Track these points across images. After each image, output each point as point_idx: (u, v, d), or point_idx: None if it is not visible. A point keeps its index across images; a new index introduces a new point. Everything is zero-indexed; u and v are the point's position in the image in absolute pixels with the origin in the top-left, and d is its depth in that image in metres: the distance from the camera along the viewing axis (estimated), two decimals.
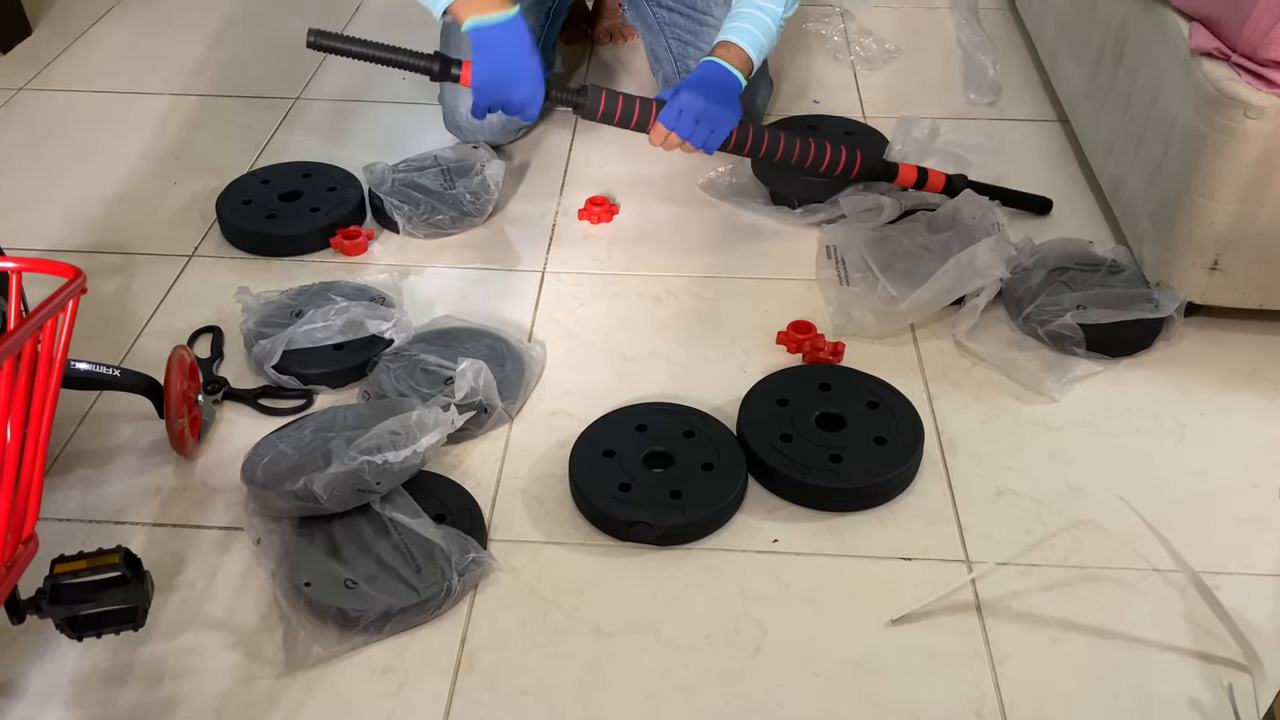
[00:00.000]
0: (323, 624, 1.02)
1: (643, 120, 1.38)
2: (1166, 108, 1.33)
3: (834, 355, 1.33)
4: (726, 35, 1.41)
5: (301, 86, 1.93)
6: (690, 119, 1.35)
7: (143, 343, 1.37)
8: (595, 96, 1.37)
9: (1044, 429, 1.24)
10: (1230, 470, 1.19)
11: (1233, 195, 1.24)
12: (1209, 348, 1.35)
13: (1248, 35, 1.17)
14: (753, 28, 1.41)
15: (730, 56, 1.39)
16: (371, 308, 1.33)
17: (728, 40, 1.41)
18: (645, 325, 1.40)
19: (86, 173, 1.71)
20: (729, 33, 1.41)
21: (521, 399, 1.28)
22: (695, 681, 0.99)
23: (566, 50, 2.03)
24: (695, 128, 1.35)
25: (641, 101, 1.38)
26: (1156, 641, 1.02)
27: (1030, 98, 1.89)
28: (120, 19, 2.18)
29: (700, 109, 1.35)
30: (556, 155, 1.74)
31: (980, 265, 1.34)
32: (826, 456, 1.16)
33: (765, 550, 1.11)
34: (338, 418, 1.17)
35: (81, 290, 0.85)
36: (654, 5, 1.73)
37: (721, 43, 1.41)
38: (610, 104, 1.37)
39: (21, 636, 1.01)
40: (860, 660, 1.01)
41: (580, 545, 1.12)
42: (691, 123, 1.35)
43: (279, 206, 1.56)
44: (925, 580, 1.07)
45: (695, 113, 1.35)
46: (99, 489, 1.18)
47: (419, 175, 1.59)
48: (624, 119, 1.38)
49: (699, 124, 1.35)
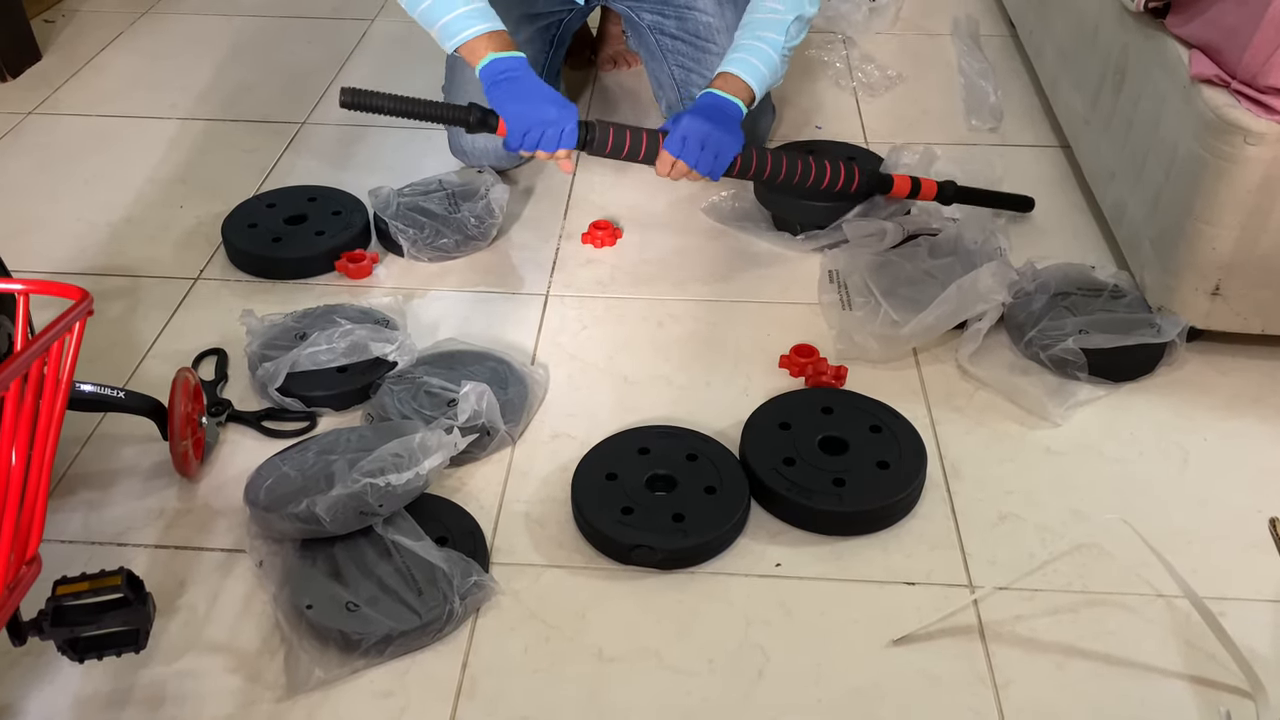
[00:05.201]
0: (324, 647, 1.01)
1: (650, 152, 1.39)
2: (1167, 134, 1.33)
3: (836, 379, 1.33)
4: (726, 67, 1.43)
5: (307, 111, 1.95)
6: (695, 145, 1.36)
7: (147, 365, 1.38)
8: (603, 132, 1.37)
9: (1047, 453, 1.24)
10: (1234, 495, 1.19)
11: (1234, 221, 1.24)
12: (1211, 373, 1.35)
13: (1247, 62, 1.18)
14: (753, 58, 1.42)
15: (729, 86, 1.40)
16: (375, 330, 1.34)
17: (727, 71, 1.42)
18: (648, 349, 1.41)
19: (93, 196, 1.72)
20: (729, 64, 1.43)
21: (524, 422, 1.28)
22: (698, 707, 0.99)
23: (570, 76, 2.04)
24: (700, 154, 1.36)
25: (648, 134, 1.39)
26: (1161, 668, 1.02)
27: (1032, 124, 1.90)
28: (128, 45, 2.20)
29: (704, 134, 1.35)
30: (560, 179, 1.75)
31: (982, 290, 1.34)
32: (829, 480, 1.16)
33: (768, 574, 1.11)
34: (341, 440, 1.17)
35: (88, 312, 0.85)
36: (657, 33, 1.74)
37: (721, 74, 1.42)
38: (618, 138, 1.38)
39: (23, 658, 1.01)
40: (863, 686, 1.00)
41: (582, 569, 1.12)
42: (697, 149, 1.36)
43: (284, 230, 1.57)
44: (928, 605, 1.07)
45: (700, 138, 1.35)
46: (102, 511, 1.18)
47: (424, 199, 1.60)
48: (631, 152, 1.39)
49: (704, 150, 1.36)
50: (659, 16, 1.74)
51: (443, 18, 1.34)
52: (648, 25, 1.76)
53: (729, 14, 1.72)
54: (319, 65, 2.10)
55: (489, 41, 1.35)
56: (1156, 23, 1.38)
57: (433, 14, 1.35)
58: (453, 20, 1.34)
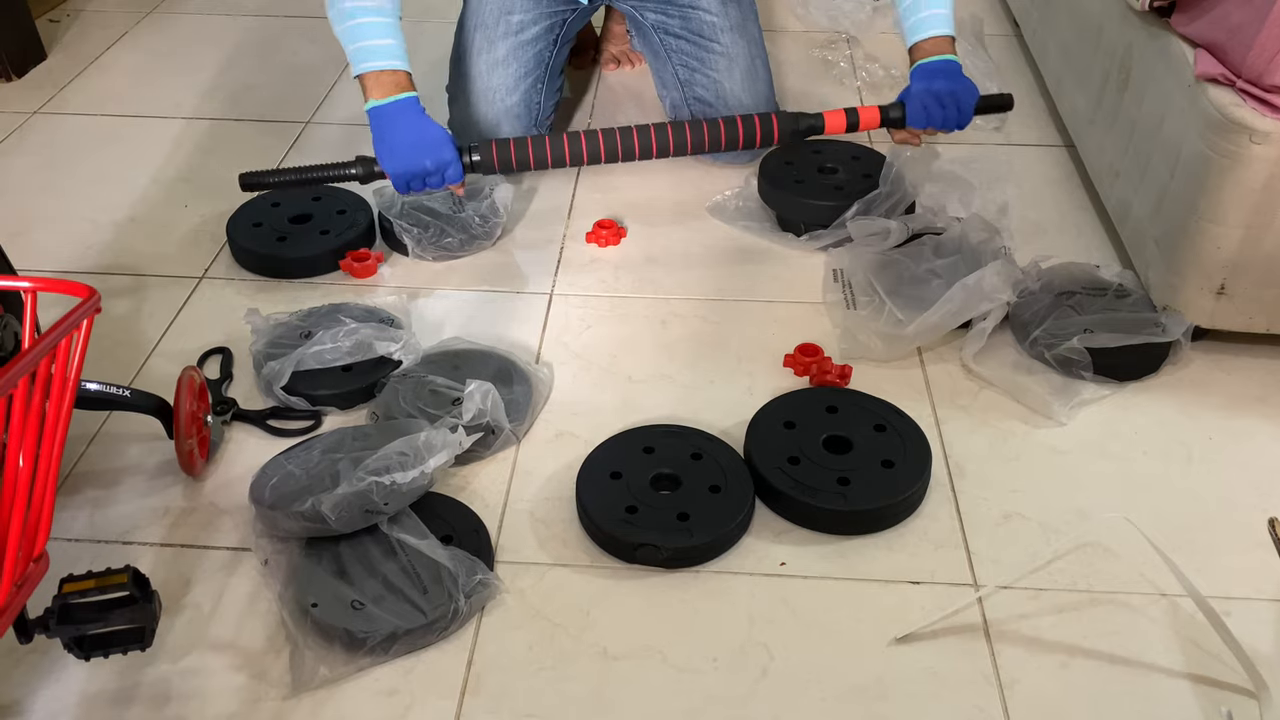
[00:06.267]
0: (329, 645, 1.02)
1: (568, 155, 1.40)
2: (1172, 133, 1.33)
3: (841, 378, 1.33)
4: (920, 34, 1.44)
5: (312, 111, 1.95)
6: (936, 107, 1.40)
7: (153, 364, 1.38)
8: (487, 154, 1.38)
9: (1051, 453, 1.24)
10: (1238, 495, 1.19)
11: (1239, 220, 1.24)
12: (1216, 372, 1.35)
13: (1252, 61, 1.18)
14: (935, 8, 1.44)
15: (931, 48, 1.44)
16: (380, 329, 1.34)
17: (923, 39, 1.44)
18: (652, 348, 1.41)
19: (99, 195, 1.72)
20: (919, 29, 1.44)
21: (529, 421, 1.28)
22: (702, 705, 0.99)
23: (574, 76, 2.04)
24: (944, 112, 1.41)
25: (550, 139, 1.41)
26: (1165, 667, 1.02)
27: (1036, 123, 1.90)
28: (133, 45, 2.21)
29: (938, 94, 1.40)
30: (565, 179, 1.75)
31: (986, 289, 1.34)
32: (834, 480, 1.16)
33: (772, 573, 1.11)
34: (346, 439, 1.18)
35: (96, 310, 0.85)
36: (661, 32, 1.75)
37: (917, 44, 1.44)
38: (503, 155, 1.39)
39: (29, 656, 1.01)
40: (867, 685, 1.00)
41: (587, 567, 1.12)
42: (939, 110, 1.41)
43: (289, 229, 1.57)
44: (933, 604, 1.07)
45: (937, 98, 1.40)
46: (108, 509, 1.18)
47: (427, 198, 1.60)
48: (537, 162, 1.40)
49: (945, 108, 1.41)
50: (663, 16, 1.74)
51: (355, 42, 1.36)
52: (651, 24, 1.76)
53: (733, 13, 1.72)
54: (323, 64, 2.10)
55: (380, 81, 1.34)
56: (1161, 21, 1.38)
57: (349, 36, 1.36)
58: (361, 49, 1.35)
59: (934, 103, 1.41)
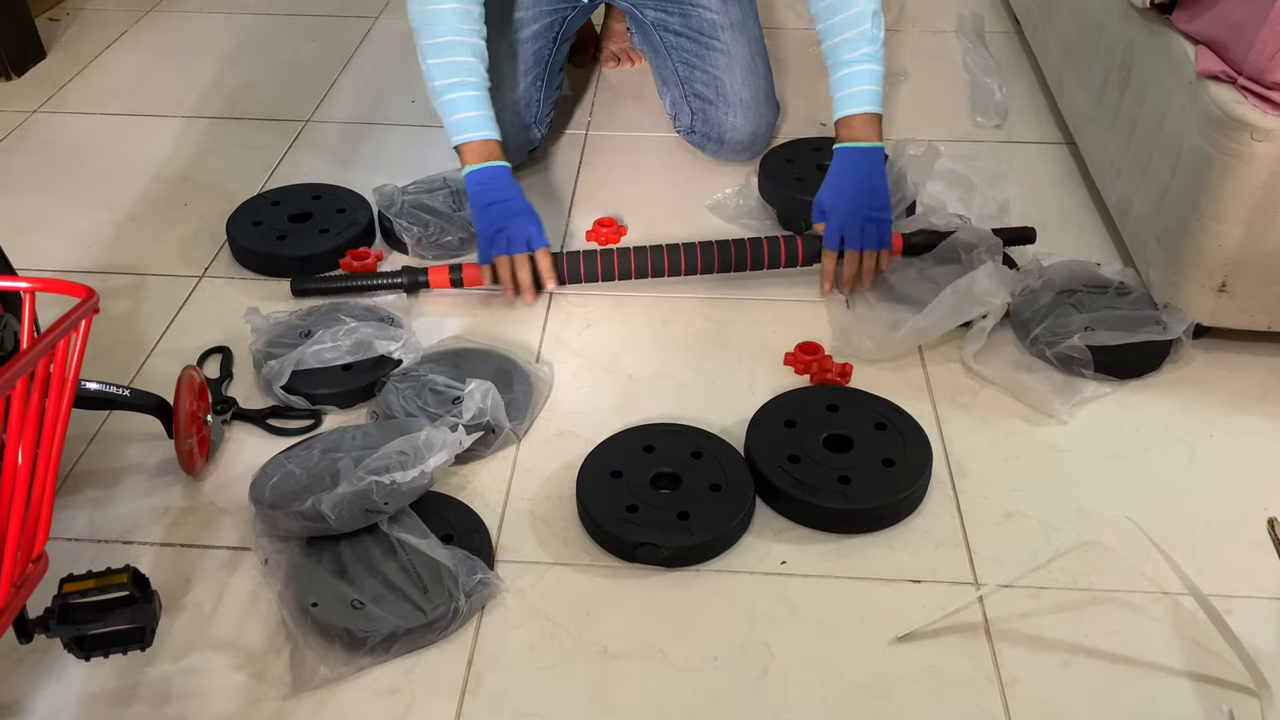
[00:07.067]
0: (329, 645, 1.02)
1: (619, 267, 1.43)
2: (1173, 130, 1.33)
3: (842, 376, 1.33)
4: (843, 110, 1.42)
5: (312, 109, 1.95)
6: (856, 234, 1.37)
7: (152, 363, 1.38)
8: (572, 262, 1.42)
9: (1053, 451, 1.24)
10: (1239, 493, 1.19)
11: (1240, 217, 1.24)
12: (1218, 370, 1.35)
13: (1253, 58, 1.18)
14: (863, 84, 1.41)
15: (856, 131, 1.41)
16: (380, 328, 1.34)
17: (846, 116, 1.42)
18: (653, 346, 1.41)
19: (98, 194, 1.72)
20: (843, 105, 1.42)
21: (529, 420, 1.28)
22: (703, 704, 0.99)
23: (574, 74, 2.04)
24: (863, 239, 1.38)
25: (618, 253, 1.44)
26: (1167, 666, 1.02)
27: (1037, 120, 1.89)
28: (133, 43, 2.21)
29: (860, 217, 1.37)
30: (565, 177, 1.75)
31: (979, 292, 1.33)
32: (835, 478, 1.15)
33: (773, 572, 1.11)
34: (346, 438, 1.17)
35: (94, 310, 0.85)
36: (661, 29, 1.74)
37: (842, 120, 1.42)
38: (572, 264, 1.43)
39: (29, 656, 1.01)
40: (869, 683, 1.00)
41: (587, 566, 1.12)
42: (858, 238, 1.37)
43: (289, 228, 1.57)
44: (934, 603, 1.07)
45: (858, 224, 1.37)
46: (108, 509, 1.18)
47: (428, 197, 1.60)
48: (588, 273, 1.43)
49: (864, 233, 1.37)
50: (663, 13, 1.74)
51: (449, 116, 1.43)
52: (651, 22, 1.76)
53: (733, 10, 1.72)
54: (323, 63, 2.10)
55: (473, 149, 1.43)
56: (1162, 18, 1.38)
57: (443, 111, 1.44)
58: (455, 122, 1.43)
59: (855, 232, 1.38)
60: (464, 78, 1.42)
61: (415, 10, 1.43)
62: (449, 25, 1.41)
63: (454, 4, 1.41)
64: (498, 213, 1.40)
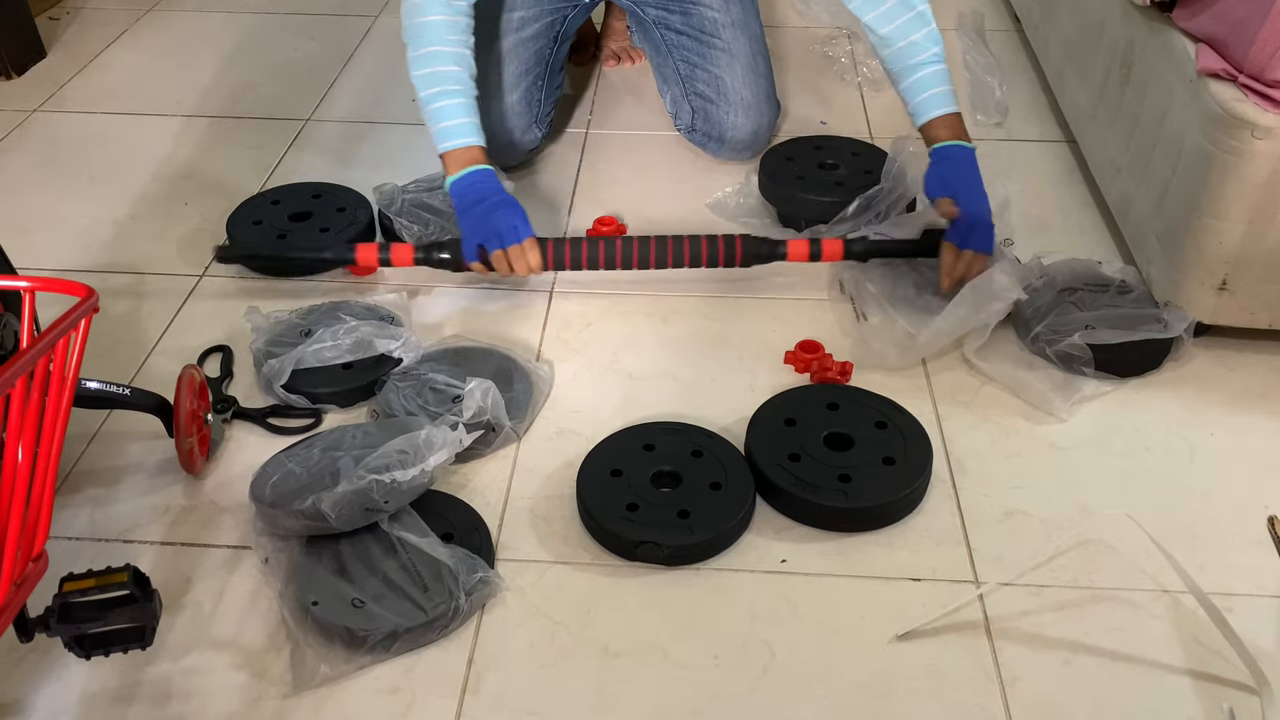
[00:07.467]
0: (330, 643, 1.02)
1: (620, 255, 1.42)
2: (1174, 128, 1.33)
3: (842, 375, 1.33)
4: (930, 113, 1.41)
5: (312, 108, 1.95)
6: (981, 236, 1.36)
7: (153, 362, 1.38)
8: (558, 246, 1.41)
9: (1053, 449, 1.24)
10: (1240, 491, 1.19)
11: (1241, 215, 1.24)
12: (1218, 368, 1.35)
13: (1254, 56, 1.17)
14: (943, 84, 1.42)
15: (949, 131, 1.40)
16: (380, 327, 1.34)
17: (934, 118, 1.41)
18: (653, 345, 1.41)
19: (98, 193, 1.72)
20: (929, 109, 1.42)
21: (529, 418, 1.28)
22: (703, 702, 0.99)
23: (575, 73, 2.04)
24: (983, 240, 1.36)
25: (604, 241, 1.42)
26: (1166, 663, 1.01)
27: (1037, 119, 1.89)
28: (133, 43, 2.21)
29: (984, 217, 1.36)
30: (565, 175, 1.75)
31: (996, 289, 1.32)
32: (835, 476, 1.15)
33: (773, 570, 1.11)
34: (346, 437, 1.17)
35: (94, 309, 0.85)
36: (662, 28, 1.74)
37: (928, 123, 1.41)
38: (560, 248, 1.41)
39: (29, 655, 1.01)
40: (869, 682, 1.00)
41: (588, 565, 1.12)
42: (980, 239, 1.36)
43: (289, 227, 1.57)
44: (934, 601, 1.07)
45: (985, 224, 1.36)
46: (108, 507, 1.18)
47: (428, 196, 1.60)
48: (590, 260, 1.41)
49: (986, 236, 1.36)
50: (664, 11, 1.74)
51: (434, 125, 1.42)
52: (652, 20, 1.76)
53: (734, 9, 1.72)
54: (323, 62, 2.10)
55: (455, 157, 1.41)
56: (1163, 16, 1.38)
57: (429, 121, 1.43)
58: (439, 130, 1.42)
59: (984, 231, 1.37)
60: (446, 86, 1.42)
61: (406, 24, 1.44)
62: (436, 36, 1.42)
63: (442, 15, 1.42)
64: (481, 211, 1.39)
